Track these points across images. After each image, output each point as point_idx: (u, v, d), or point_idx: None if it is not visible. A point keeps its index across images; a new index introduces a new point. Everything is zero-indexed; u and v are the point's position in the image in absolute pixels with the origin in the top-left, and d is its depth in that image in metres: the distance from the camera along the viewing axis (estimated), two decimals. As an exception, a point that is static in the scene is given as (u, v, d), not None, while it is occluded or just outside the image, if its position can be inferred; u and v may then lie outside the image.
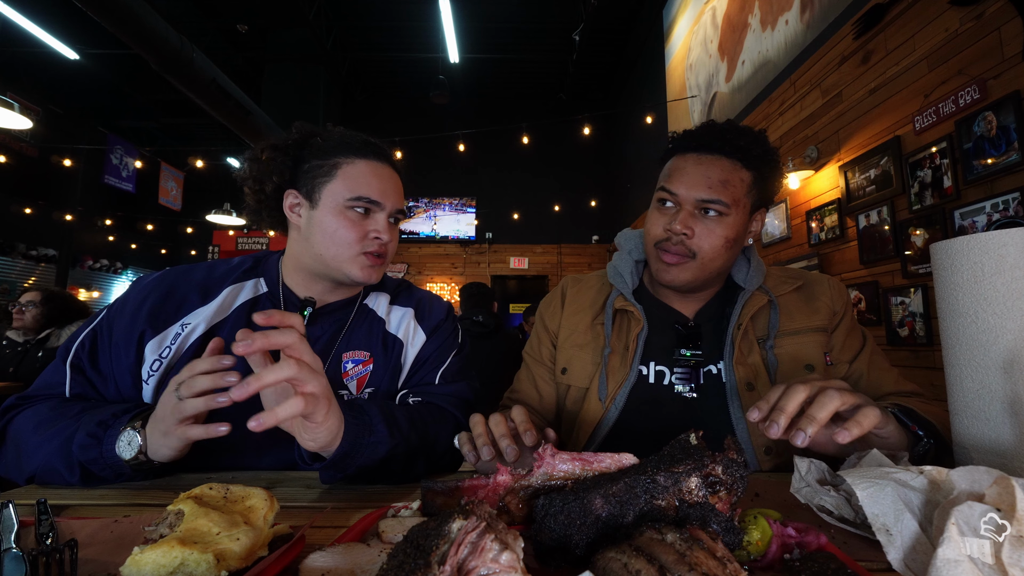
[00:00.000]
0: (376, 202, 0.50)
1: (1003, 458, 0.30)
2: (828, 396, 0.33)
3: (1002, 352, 0.31)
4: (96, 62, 4.61)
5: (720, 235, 0.50)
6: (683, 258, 0.50)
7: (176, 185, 4.95)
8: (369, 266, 0.50)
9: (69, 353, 0.45)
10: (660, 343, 0.55)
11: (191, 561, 0.22)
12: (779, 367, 0.51)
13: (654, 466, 0.26)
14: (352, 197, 0.49)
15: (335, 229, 0.49)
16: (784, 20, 2.42)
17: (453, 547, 0.19)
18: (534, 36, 4.98)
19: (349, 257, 0.49)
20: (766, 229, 2.52)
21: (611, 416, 0.52)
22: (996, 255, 0.31)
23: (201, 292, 0.49)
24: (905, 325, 1.64)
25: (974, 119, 1.41)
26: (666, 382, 0.53)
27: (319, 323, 0.52)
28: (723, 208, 0.49)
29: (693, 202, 0.50)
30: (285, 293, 0.52)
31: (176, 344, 0.46)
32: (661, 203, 0.53)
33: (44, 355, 1.67)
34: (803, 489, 0.32)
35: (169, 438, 0.36)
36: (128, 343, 0.46)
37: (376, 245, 0.50)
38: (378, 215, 0.50)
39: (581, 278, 0.64)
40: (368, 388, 0.51)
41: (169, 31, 2.67)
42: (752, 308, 0.52)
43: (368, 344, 0.53)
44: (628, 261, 0.59)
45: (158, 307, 0.47)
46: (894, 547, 0.24)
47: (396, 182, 0.53)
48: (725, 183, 0.49)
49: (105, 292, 5.87)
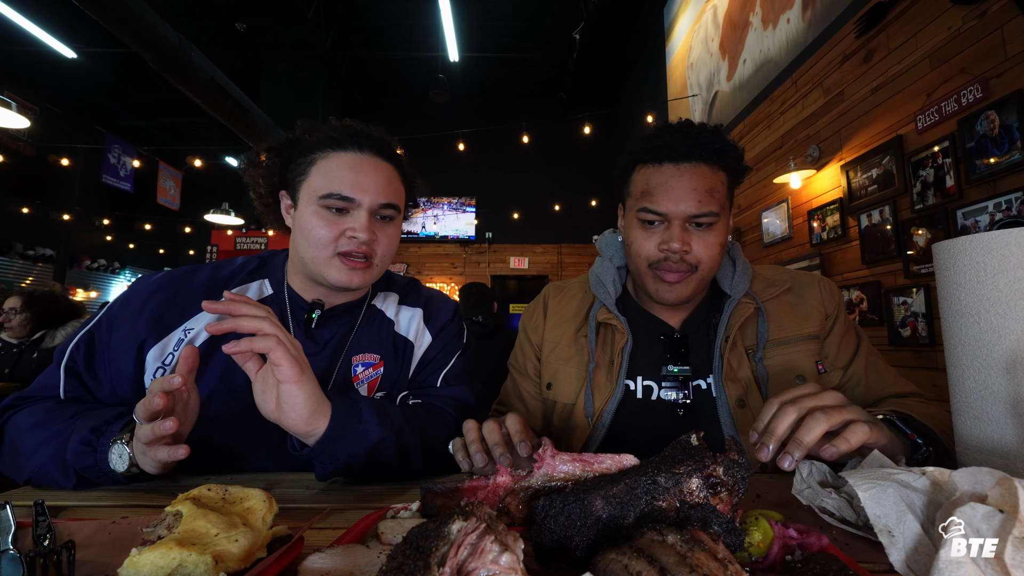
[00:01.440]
0: (348, 198, 0.45)
1: (1006, 459, 0.30)
2: (815, 420, 0.32)
3: (1005, 352, 0.30)
4: (94, 61, 4.61)
5: (716, 244, 0.49)
6: (684, 274, 0.49)
7: (174, 184, 4.94)
8: (348, 269, 0.45)
9: (63, 358, 0.45)
10: (646, 356, 0.53)
11: (189, 563, 0.22)
12: (769, 379, 0.49)
13: (655, 467, 0.26)
14: (322, 195, 0.45)
15: (309, 229, 0.45)
16: (786, 19, 2.42)
17: (453, 549, 0.19)
18: (534, 35, 4.96)
19: (324, 259, 0.45)
20: (767, 229, 2.51)
21: (599, 433, 0.51)
22: (999, 255, 0.31)
23: (205, 296, 0.48)
24: (907, 325, 1.64)
25: (976, 118, 1.41)
26: (654, 397, 0.52)
27: (328, 326, 0.50)
28: (715, 219, 0.48)
29: (684, 217, 0.48)
30: (291, 295, 0.50)
31: (179, 351, 0.45)
32: (647, 222, 0.49)
33: (39, 356, 1.68)
34: (804, 491, 0.32)
35: (146, 458, 0.36)
36: (128, 350, 0.45)
37: (353, 245, 0.45)
38: (356, 212, 0.46)
39: (563, 286, 0.62)
40: (379, 392, 0.50)
41: (167, 30, 2.66)
42: (739, 317, 0.51)
43: (378, 346, 0.51)
44: (610, 268, 0.57)
45: (160, 312, 0.46)
46: (896, 548, 0.24)
47: (382, 174, 0.48)
48: (711, 191, 0.48)
49: (103, 292, 5.86)
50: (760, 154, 2.64)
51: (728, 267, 0.55)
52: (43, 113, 4.68)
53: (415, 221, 5.67)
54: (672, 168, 0.48)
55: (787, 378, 0.50)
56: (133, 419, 0.39)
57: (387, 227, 0.49)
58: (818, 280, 0.55)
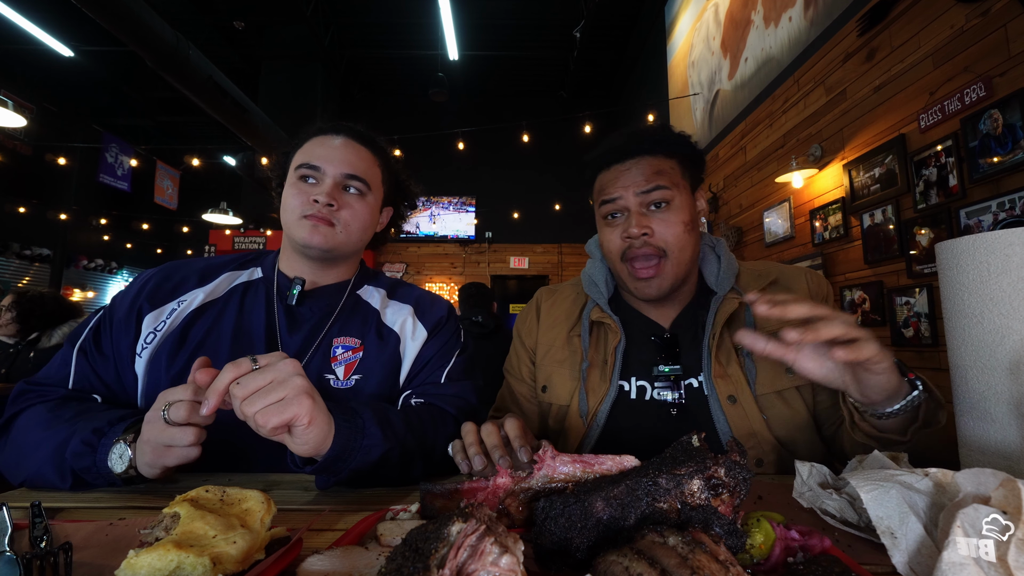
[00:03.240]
0: (314, 167, 0.51)
1: (1009, 460, 0.30)
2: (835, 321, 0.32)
3: (1008, 353, 0.30)
4: (91, 59, 4.59)
5: (677, 221, 0.50)
6: (654, 262, 0.50)
7: (172, 184, 4.92)
8: (312, 227, 0.50)
9: (79, 338, 0.48)
10: (639, 356, 0.54)
11: (187, 564, 0.22)
12: (759, 374, 0.49)
13: (656, 468, 0.25)
14: (296, 166, 0.52)
15: (286, 199, 0.52)
16: (787, 17, 2.41)
17: (452, 550, 0.19)
18: (534, 33, 4.95)
19: (294, 221, 0.51)
20: (769, 228, 2.51)
21: (593, 433, 0.51)
22: (1002, 255, 0.31)
23: (200, 276, 0.53)
24: (910, 326, 1.63)
25: (980, 117, 1.40)
26: (648, 397, 0.52)
27: (307, 304, 0.53)
28: (667, 193, 0.49)
29: (637, 200, 0.50)
30: (279, 277, 0.54)
31: (171, 318, 0.49)
32: (608, 217, 0.52)
33: (36, 356, 1.67)
34: (806, 494, 0.32)
35: (153, 468, 0.37)
36: (128, 320, 0.48)
37: (315, 208, 0.50)
38: (323, 181, 0.51)
39: (555, 289, 0.63)
40: (356, 374, 0.51)
41: (165, 28, 2.65)
42: (725, 314, 0.51)
43: (360, 332, 0.53)
44: (602, 268, 0.58)
45: (158, 286, 0.51)
46: (899, 550, 0.24)
47: (351, 150, 0.53)
48: (659, 172, 0.50)
49: (100, 292, 5.84)
50: (762, 153, 2.63)
51: (713, 263, 0.55)
52: (40, 112, 4.65)
53: (414, 220, 5.68)
54: (618, 167, 0.52)
55: (777, 372, 0.49)
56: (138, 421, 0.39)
57: (355, 200, 0.53)
58: (805, 272, 0.55)
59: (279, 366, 0.33)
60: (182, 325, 0.48)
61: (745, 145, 2.80)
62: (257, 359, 0.33)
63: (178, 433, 0.35)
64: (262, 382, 0.32)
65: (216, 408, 0.33)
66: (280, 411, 0.32)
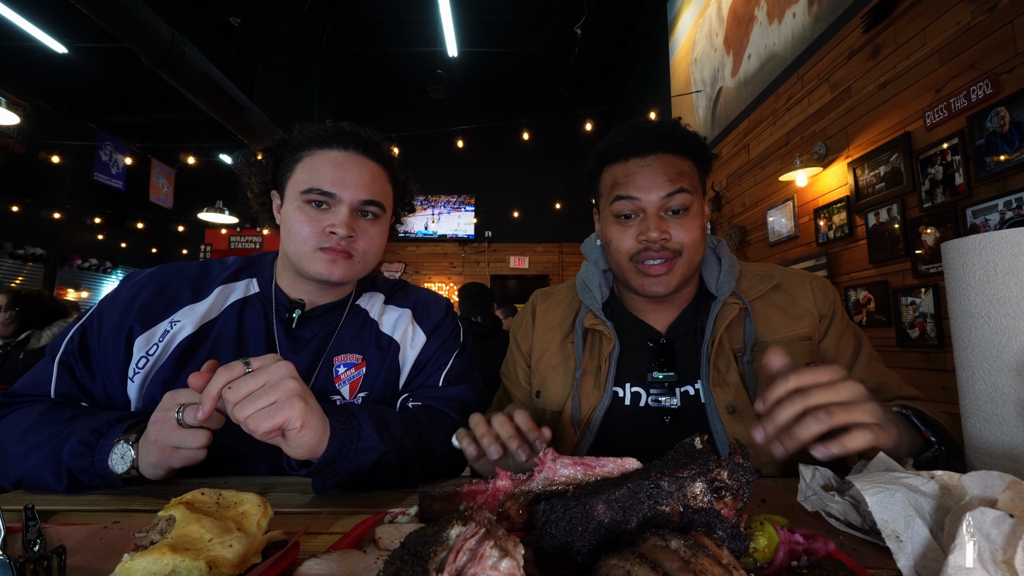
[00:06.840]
0: (329, 193, 0.46)
1: (1016, 462, 0.30)
2: (816, 420, 0.31)
3: (1015, 354, 0.30)
4: (85, 56, 4.54)
5: (695, 227, 0.49)
6: (669, 261, 0.48)
7: (167, 182, 4.90)
8: (329, 261, 0.46)
9: (58, 351, 0.45)
10: (634, 362, 0.52)
11: (182, 568, 0.21)
12: (759, 384, 0.48)
13: (658, 471, 0.25)
14: (304, 190, 0.47)
15: (292, 224, 0.47)
16: (791, 13, 2.39)
17: (451, 554, 0.19)
18: (535, 29, 4.92)
19: (307, 253, 0.47)
20: (773, 227, 2.49)
21: (587, 441, 0.51)
22: (1009, 254, 0.30)
23: (193, 289, 0.49)
24: (916, 326, 1.62)
25: (986, 115, 1.39)
26: (642, 404, 0.51)
27: (308, 326, 0.51)
28: (688, 198, 0.48)
29: (657, 203, 0.48)
30: (277, 294, 0.51)
31: (163, 342, 0.46)
32: (622, 216, 0.49)
33: (25, 357, 1.66)
34: (810, 496, 0.31)
35: (157, 469, 0.36)
36: (117, 339, 0.45)
37: (333, 241, 0.46)
38: (337, 208, 0.47)
39: (551, 291, 0.62)
40: (362, 392, 0.50)
41: (160, 24, 2.63)
42: (725, 318, 0.50)
43: (360, 346, 0.51)
44: (595, 273, 0.57)
45: (149, 302, 0.47)
46: (904, 554, 0.23)
47: (366, 171, 0.48)
48: (680, 174, 0.48)
49: (94, 292, 5.79)
50: (765, 151, 2.61)
51: (714, 265, 0.54)
52: (33, 109, 4.60)
53: (413, 220, 5.66)
54: (638, 161, 0.49)
55: None
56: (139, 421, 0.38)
57: (370, 225, 0.49)
58: (810, 279, 0.54)
59: (271, 369, 0.32)
60: (176, 351, 0.45)
61: (748, 143, 2.79)
62: (250, 362, 0.33)
63: (189, 435, 0.35)
64: (254, 386, 0.32)
65: (211, 413, 0.32)
66: (271, 415, 0.31)
